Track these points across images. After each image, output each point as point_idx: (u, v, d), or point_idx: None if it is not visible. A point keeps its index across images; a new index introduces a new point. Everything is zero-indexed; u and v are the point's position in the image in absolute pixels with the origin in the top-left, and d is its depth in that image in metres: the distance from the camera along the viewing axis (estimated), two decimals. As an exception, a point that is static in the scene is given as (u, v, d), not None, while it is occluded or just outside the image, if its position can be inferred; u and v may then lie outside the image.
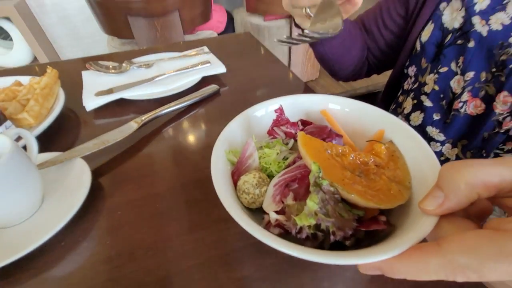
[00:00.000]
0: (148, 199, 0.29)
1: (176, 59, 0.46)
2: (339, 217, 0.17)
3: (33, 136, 0.29)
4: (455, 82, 0.34)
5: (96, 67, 0.41)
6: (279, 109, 0.24)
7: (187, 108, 0.39)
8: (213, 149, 0.21)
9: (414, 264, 0.15)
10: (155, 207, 0.28)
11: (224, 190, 0.19)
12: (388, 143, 0.23)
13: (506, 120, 0.29)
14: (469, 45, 0.32)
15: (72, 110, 0.38)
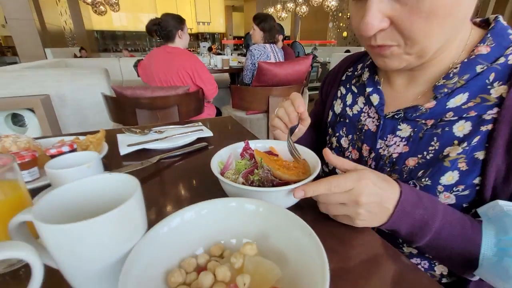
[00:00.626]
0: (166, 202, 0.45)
1: (180, 128, 0.69)
2: (268, 178, 0.37)
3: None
4: (345, 141, 0.57)
5: (128, 131, 0.63)
6: (246, 142, 0.46)
7: (186, 155, 0.59)
8: (211, 159, 0.41)
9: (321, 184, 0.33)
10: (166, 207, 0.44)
11: (217, 174, 0.38)
12: (302, 160, 0.43)
13: (370, 159, 0.51)
14: (346, 121, 0.57)
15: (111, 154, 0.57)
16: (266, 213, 0.27)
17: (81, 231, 0.19)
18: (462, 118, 0.39)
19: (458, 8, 0.34)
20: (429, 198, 0.37)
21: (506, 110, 0.36)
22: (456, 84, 0.40)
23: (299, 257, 0.24)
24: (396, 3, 0.34)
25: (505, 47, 0.38)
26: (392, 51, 0.38)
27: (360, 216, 0.34)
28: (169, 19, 1.78)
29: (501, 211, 0.31)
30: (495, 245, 0.32)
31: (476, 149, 0.38)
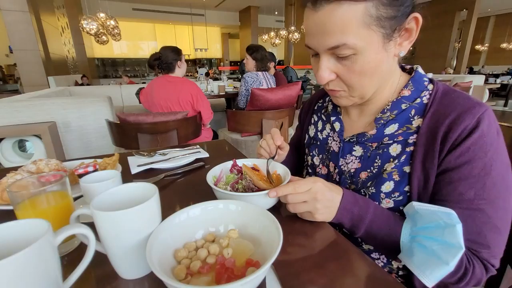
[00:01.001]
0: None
1: (181, 150, 0.81)
2: (249, 186, 0.48)
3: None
4: (317, 159, 0.68)
5: (137, 154, 0.75)
6: (234, 161, 0.58)
7: (186, 173, 0.71)
8: (207, 174, 0.52)
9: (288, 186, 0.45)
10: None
11: (211, 184, 0.49)
12: (276, 176, 0.55)
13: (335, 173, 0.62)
14: (318, 144, 0.69)
15: (124, 173, 0.68)
16: (244, 210, 0.38)
17: (122, 217, 0.30)
18: (395, 142, 0.52)
19: (381, 68, 0.47)
20: (363, 199, 0.49)
21: (420, 136, 0.48)
22: (389, 117, 0.53)
23: (267, 238, 0.35)
24: (338, 63, 0.47)
25: (421, 90, 0.52)
26: (341, 94, 0.52)
27: (318, 210, 0.45)
28: (168, 53, 1.96)
29: (414, 210, 0.43)
30: (409, 234, 0.43)
31: (404, 164, 0.50)
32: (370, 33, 0.43)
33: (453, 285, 0.45)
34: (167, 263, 0.32)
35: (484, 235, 0.43)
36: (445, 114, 0.47)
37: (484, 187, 0.43)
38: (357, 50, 0.44)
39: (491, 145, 0.43)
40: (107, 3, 8.02)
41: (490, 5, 10.42)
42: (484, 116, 0.44)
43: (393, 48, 0.47)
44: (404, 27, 0.46)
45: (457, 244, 0.37)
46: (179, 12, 11.05)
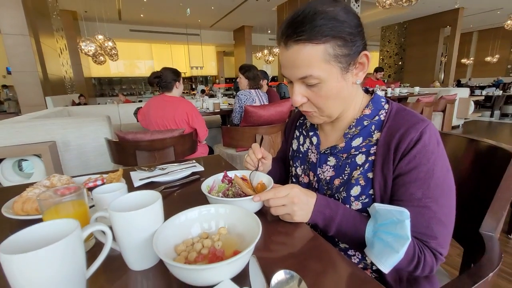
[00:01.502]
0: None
1: (178, 165, 0.89)
2: (238, 193, 0.56)
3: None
4: (300, 170, 0.77)
5: (139, 170, 0.83)
6: (225, 172, 0.66)
7: (183, 185, 0.79)
8: (201, 185, 0.60)
9: (269, 192, 0.53)
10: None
11: (205, 192, 0.57)
12: (260, 183, 0.64)
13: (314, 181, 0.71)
14: (300, 156, 0.78)
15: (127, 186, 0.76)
16: (231, 212, 0.47)
17: (133, 216, 0.38)
18: (360, 152, 0.61)
19: (342, 94, 0.58)
20: (334, 202, 0.58)
21: (379, 147, 0.58)
22: (354, 132, 0.63)
23: (251, 234, 0.43)
24: (308, 90, 0.58)
25: (379, 109, 0.62)
26: (313, 114, 0.62)
27: (296, 212, 0.54)
28: (168, 73, 2.08)
29: (375, 209, 0.51)
30: (372, 230, 0.52)
31: (367, 171, 0.59)
32: (330, 67, 0.54)
33: (412, 273, 0.53)
34: (169, 255, 0.40)
35: (431, 228, 0.52)
36: (396, 129, 0.56)
37: (429, 188, 0.52)
38: (321, 79, 0.54)
39: (433, 153, 0.53)
40: (105, 25, 8.31)
41: (471, 22, 11.00)
42: (426, 130, 0.54)
43: (351, 78, 0.58)
44: (357, 62, 0.56)
45: (405, 236, 0.45)
46: (175, 33, 11.43)
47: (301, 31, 0.52)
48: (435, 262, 0.52)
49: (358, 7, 6.10)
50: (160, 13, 9.15)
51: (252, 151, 0.73)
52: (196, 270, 0.33)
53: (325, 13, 0.51)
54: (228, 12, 9.26)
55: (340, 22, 0.52)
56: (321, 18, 0.51)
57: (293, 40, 0.53)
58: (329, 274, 0.42)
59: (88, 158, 2.33)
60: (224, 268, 0.34)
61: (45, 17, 6.18)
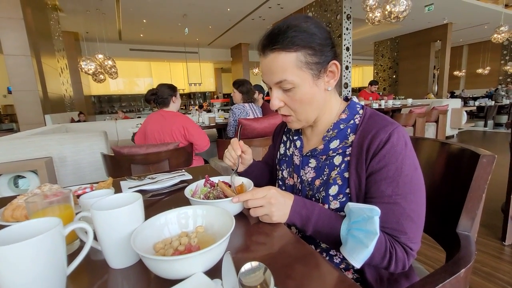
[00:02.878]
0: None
1: (167, 174, 0.92)
2: (219, 196, 0.59)
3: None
4: (286, 172, 0.80)
5: (129, 179, 0.86)
6: (207, 177, 0.69)
7: (171, 192, 0.81)
8: (185, 189, 0.63)
9: (247, 193, 0.57)
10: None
11: (188, 195, 0.60)
12: (240, 184, 0.67)
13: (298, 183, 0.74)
14: (286, 159, 0.81)
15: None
16: (208, 213, 0.50)
17: (114, 214, 0.41)
18: (337, 154, 0.65)
19: (316, 99, 0.63)
20: (310, 203, 0.60)
21: (353, 148, 0.62)
22: (332, 135, 0.67)
23: (226, 230, 0.45)
24: (285, 94, 0.63)
25: (354, 114, 0.67)
26: (291, 119, 0.67)
27: (274, 212, 0.56)
28: (164, 89, 2.14)
29: (349, 208, 0.54)
30: (346, 228, 0.54)
31: (344, 171, 0.63)
32: (302, 73, 0.59)
33: (387, 269, 0.55)
34: (148, 252, 0.42)
35: (401, 223, 0.55)
36: (368, 131, 0.60)
37: (398, 185, 0.55)
38: (295, 84, 0.60)
39: (400, 153, 0.56)
40: (106, 45, 8.54)
41: (461, 36, 11.37)
42: (394, 132, 0.57)
43: (323, 84, 0.63)
44: (327, 69, 0.62)
45: (374, 231, 0.47)
46: (174, 51, 11.75)
47: (276, 41, 0.59)
48: (407, 257, 0.54)
49: (350, 24, 6.34)
50: (159, 32, 9.45)
51: (231, 146, 0.76)
52: (168, 261, 0.35)
53: (296, 26, 0.59)
54: (225, 30, 9.58)
55: (310, 34, 0.59)
56: (293, 30, 0.58)
57: (269, 49, 0.60)
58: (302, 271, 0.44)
59: (83, 173, 2.34)
60: (196, 260, 0.36)
61: (47, 38, 6.37)
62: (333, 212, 0.61)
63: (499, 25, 6.38)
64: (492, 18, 8.76)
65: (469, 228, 0.68)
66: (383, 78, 11.73)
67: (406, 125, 3.93)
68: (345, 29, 6.29)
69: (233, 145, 0.76)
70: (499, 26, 6.38)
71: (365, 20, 4.96)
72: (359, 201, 0.60)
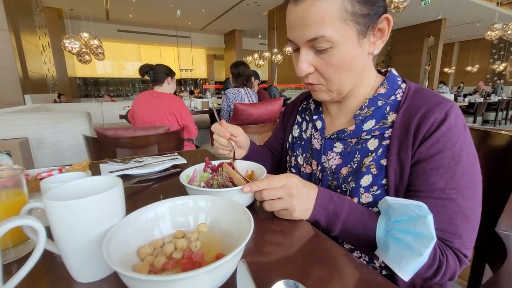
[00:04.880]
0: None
1: (157, 157, 0.78)
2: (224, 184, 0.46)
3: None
4: (301, 158, 0.68)
5: (110, 161, 0.71)
6: (207, 160, 0.56)
7: (161, 178, 0.68)
8: (180, 174, 0.50)
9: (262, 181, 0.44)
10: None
11: (184, 182, 0.47)
12: (250, 173, 0.54)
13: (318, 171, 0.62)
14: (302, 143, 0.69)
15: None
16: (214, 205, 0.37)
17: (80, 207, 0.28)
18: (372, 137, 0.53)
19: (356, 64, 0.50)
20: (337, 196, 0.49)
21: (395, 130, 0.50)
22: (366, 114, 0.55)
23: (239, 230, 0.33)
24: (317, 57, 0.49)
25: (395, 88, 0.55)
26: (320, 88, 0.54)
27: (295, 207, 0.44)
28: (162, 67, 1.97)
29: (387, 204, 0.43)
30: (384, 229, 0.43)
31: (381, 157, 0.51)
32: (346, 27, 0.46)
33: (430, 280, 0.45)
34: (128, 261, 0.29)
35: (455, 224, 0.44)
36: (416, 109, 0.49)
37: (454, 177, 0.44)
38: (334, 43, 0.46)
39: (459, 136, 0.45)
40: (92, 24, 8.05)
41: (453, 33, 11.42)
42: (452, 110, 0.46)
43: (368, 46, 0.50)
44: (377, 26, 0.49)
45: (429, 235, 0.36)
46: (165, 34, 11.26)
47: None
48: (459, 266, 0.44)
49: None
50: (150, 13, 8.98)
51: (217, 133, 0.62)
52: (159, 283, 0.23)
53: None
54: (219, 15, 9.20)
55: None
56: None
57: None
58: (337, 282, 0.33)
59: (64, 156, 2.16)
60: (202, 279, 0.24)
61: (27, 13, 5.92)
62: (365, 208, 0.49)
63: (494, 22, 6.37)
64: (485, 16, 8.79)
65: (511, 227, 0.58)
66: (376, 71, 11.69)
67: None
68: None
69: (218, 132, 0.61)
70: (493, 23, 6.37)
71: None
72: (398, 194, 0.49)
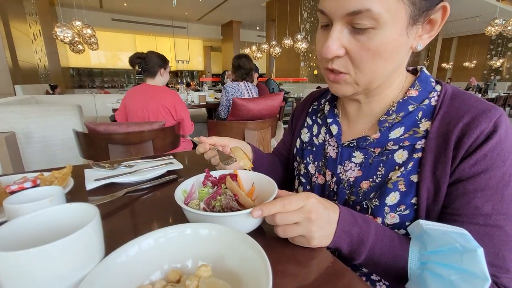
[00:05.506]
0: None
1: (150, 162, 0.70)
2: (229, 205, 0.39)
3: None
4: (312, 167, 0.61)
5: (96, 166, 0.63)
6: (207, 171, 0.48)
7: (154, 187, 0.60)
8: (175, 190, 0.42)
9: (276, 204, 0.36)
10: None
11: (180, 202, 0.39)
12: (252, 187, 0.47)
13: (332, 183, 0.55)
14: (313, 149, 0.61)
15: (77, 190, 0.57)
16: (219, 236, 0.29)
17: (32, 258, 0.20)
18: (401, 147, 0.46)
19: (397, 56, 0.42)
20: (362, 218, 0.42)
21: (430, 141, 0.43)
22: (394, 120, 0.47)
23: (251, 274, 0.26)
24: (352, 38, 0.40)
25: (429, 91, 0.47)
26: (345, 79, 0.44)
27: (314, 233, 0.37)
28: (153, 57, 1.85)
29: (422, 229, 0.36)
30: (419, 259, 0.36)
31: (411, 173, 0.44)
32: (399, 5, 0.38)
33: None
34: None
35: (503, 257, 0.37)
36: (457, 117, 0.41)
37: (503, 200, 0.37)
38: (379, 22, 0.38)
39: (510, 152, 0.38)
40: (85, 12, 7.78)
41: (452, 28, 11.34)
42: (501, 120, 0.39)
43: (413, 38, 0.42)
44: (431, 15, 0.41)
45: (481, 274, 0.30)
46: (161, 24, 10.97)
47: None
48: None
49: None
50: (145, 2, 8.71)
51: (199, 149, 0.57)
52: None
53: None
54: (217, 5, 8.96)
55: None
56: None
57: None
58: None
59: (54, 152, 2.06)
60: None
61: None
62: (395, 232, 0.42)
63: (494, 17, 6.28)
64: (484, 11, 8.68)
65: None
66: (375, 66, 11.61)
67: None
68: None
69: (199, 149, 0.57)
70: (494, 19, 6.28)
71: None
72: (429, 217, 0.42)
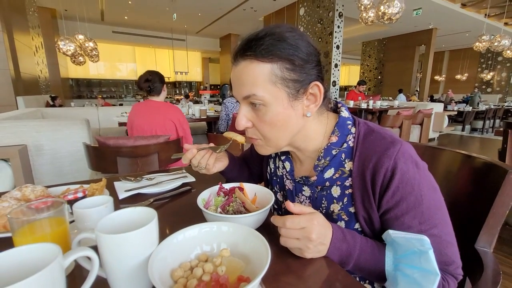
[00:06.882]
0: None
1: (167, 175, 0.84)
2: (239, 209, 0.52)
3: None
4: (280, 196, 0.68)
5: (124, 179, 0.76)
6: (220, 184, 0.62)
7: (174, 197, 0.73)
8: (197, 199, 0.56)
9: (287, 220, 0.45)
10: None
11: (202, 207, 0.52)
12: (254, 197, 0.61)
13: None
14: (278, 180, 0.68)
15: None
16: (234, 230, 0.43)
17: (126, 239, 0.33)
18: (334, 185, 0.57)
19: (289, 123, 0.53)
20: (350, 234, 0.50)
21: (354, 179, 0.53)
22: (324, 164, 0.57)
23: (257, 255, 0.39)
24: (254, 113, 0.53)
25: (346, 135, 0.56)
26: (258, 142, 0.57)
27: (309, 249, 0.45)
28: (157, 77, 2.00)
29: (391, 238, 0.48)
30: (393, 262, 0.48)
31: (348, 206, 0.55)
32: (276, 89, 0.49)
33: None
34: (165, 282, 0.35)
35: (445, 253, 0.49)
36: (368, 158, 0.51)
37: (423, 215, 0.48)
38: (266, 102, 0.50)
39: (414, 178, 0.48)
40: (87, 25, 8.01)
41: (443, 42, 11.79)
42: (399, 155, 0.49)
43: (301, 108, 0.53)
44: (308, 91, 0.52)
45: (433, 271, 0.41)
46: (160, 37, 11.26)
47: (249, 47, 0.50)
48: (456, 284, 0.50)
49: (341, 22, 6.33)
50: (145, 16, 8.99)
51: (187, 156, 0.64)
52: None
53: (276, 34, 0.50)
54: (215, 19, 9.27)
55: (290, 45, 0.49)
56: (272, 38, 0.49)
57: (241, 56, 0.51)
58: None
59: (62, 164, 2.17)
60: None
61: (21, 13, 5.86)
62: (375, 242, 0.52)
63: (481, 34, 6.62)
64: (473, 27, 9.13)
65: (489, 244, 0.66)
66: (368, 78, 11.95)
67: (393, 126, 4.00)
68: (336, 27, 6.28)
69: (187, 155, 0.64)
70: (481, 35, 6.62)
71: (355, 19, 4.98)
72: (375, 236, 0.54)
